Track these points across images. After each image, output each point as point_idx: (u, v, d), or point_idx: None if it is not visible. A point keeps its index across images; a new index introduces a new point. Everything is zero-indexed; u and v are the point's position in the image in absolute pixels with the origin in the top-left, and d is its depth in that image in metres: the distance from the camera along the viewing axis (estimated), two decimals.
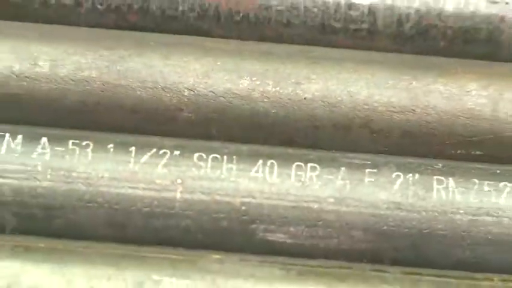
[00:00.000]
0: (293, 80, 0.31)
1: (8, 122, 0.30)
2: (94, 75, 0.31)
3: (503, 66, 0.32)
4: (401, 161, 0.30)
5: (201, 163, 0.30)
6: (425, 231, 0.29)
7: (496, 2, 0.32)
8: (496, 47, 0.33)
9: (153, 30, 0.33)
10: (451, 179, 0.30)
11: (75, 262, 0.28)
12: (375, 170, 0.30)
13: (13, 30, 0.32)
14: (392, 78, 0.31)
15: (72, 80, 0.31)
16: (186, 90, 0.31)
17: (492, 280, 0.28)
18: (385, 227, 0.29)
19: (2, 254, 0.28)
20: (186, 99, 0.31)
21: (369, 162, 0.30)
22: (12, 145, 0.30)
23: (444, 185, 0.30)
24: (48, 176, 0.29)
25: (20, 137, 0.30)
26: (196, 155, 0.30)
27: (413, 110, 0.31)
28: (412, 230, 0.29)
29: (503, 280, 0.28)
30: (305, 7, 0.33)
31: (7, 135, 0.30)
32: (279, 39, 0.33)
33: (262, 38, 0.33)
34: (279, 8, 0.33)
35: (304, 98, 0.31)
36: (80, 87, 0.31)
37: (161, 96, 0.31)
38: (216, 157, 0.30)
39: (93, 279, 0.28)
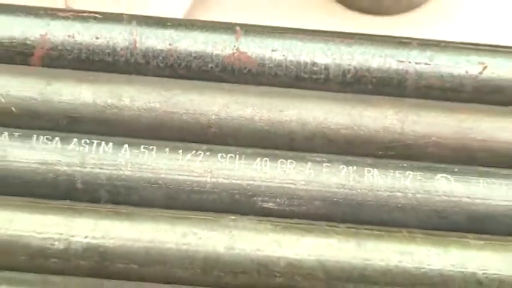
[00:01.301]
0: (279, 109, 0.35)
1: (103, 134, 0.34)
2: (157, 106, 0.35)
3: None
4: (346, 158, 0.34)
5: (222, 160, 0.34)
6: (360, 202, 0.33)
7: (402, 61, 0.37)
8: (403, 89, 0.36)
9: (193, 79, 0.36)
10: (376, 170, 0.34)
11: (144, 221, 0.32)
12: (329, 164, 0.34)
13: (106, 78, 0.35)
14: (339, 108, 0.35)
15: (144, 109, 0.35)
16: (213, 115, 0.35)
17: (401, 232, 0.32)
18: (335, 199, 0.33)
19: (99, 216, 0.32)
20: (213, 121, 0.35)
21: (326, 159, 0.34)
22: (106, 149, 0.34)
23: (372, 174, 0.34)
24: (129, 168, 0.33)
25: (110, 143, 0.34)
26: (219, 154, 0.34)
27: (352, 128, 0.35)
28: (352, 201, 0.33)
29: (408, 232, 0.33)
30: (286, 65, 0.36)
31: (103, 142, 0.34)
32: (270, 84, 0.36)
33: (260, 84, 0.36)
34: (270, 65, 0.36)
35: (286, 120, 0.35)
36: (148, 114, 0.35)
37: (198, 119, 0.35)
38: (232, 156, 0.34)
39: (156, 232, 0.31)
